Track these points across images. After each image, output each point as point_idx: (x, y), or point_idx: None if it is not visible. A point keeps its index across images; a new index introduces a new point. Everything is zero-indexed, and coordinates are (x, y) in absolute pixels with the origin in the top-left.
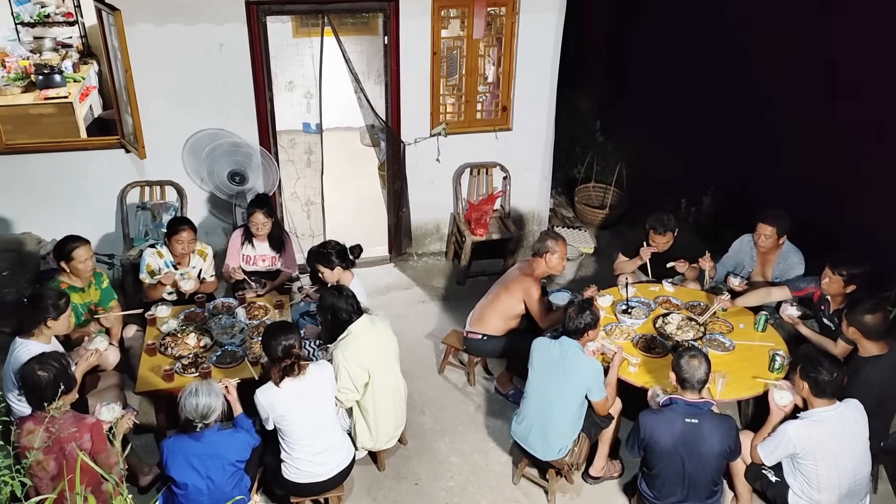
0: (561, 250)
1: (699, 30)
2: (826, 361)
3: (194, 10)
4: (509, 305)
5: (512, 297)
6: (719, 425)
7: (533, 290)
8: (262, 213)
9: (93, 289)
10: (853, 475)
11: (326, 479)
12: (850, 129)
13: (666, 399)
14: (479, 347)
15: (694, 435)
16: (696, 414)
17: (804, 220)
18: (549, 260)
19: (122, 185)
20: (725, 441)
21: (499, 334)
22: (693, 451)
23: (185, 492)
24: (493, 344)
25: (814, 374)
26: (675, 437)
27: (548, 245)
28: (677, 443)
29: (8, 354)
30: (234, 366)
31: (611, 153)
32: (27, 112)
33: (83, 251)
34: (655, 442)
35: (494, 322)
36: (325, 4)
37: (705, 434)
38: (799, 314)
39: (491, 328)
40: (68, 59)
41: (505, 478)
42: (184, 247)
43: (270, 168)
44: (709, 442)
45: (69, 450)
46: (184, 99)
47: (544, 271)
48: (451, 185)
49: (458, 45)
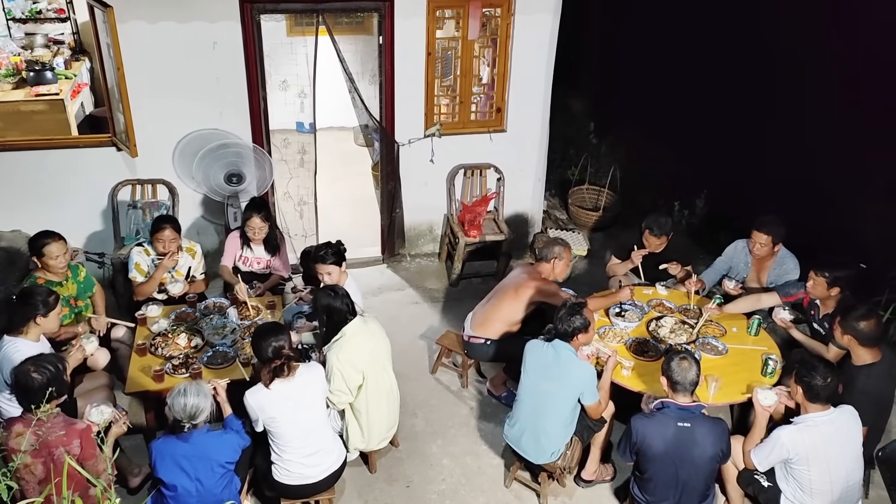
0: (567, 258)
1: (693, 32)
2: (821, 367)
3: (187, 7)
4: (515, 310)
5: (521, 301)
6: (712, 429)
7: (551, 288)
8: (259, 218)
9: (70, 283)
10: (846, 481)
11: (317, 480)
12: (846, 131)
13: (658, 403)
14: (483, 352)
15: (686, 439)
16: (688, 417)
17: (797, 223)
18: (556, 266)
19: (113, 183)
20: (718, 445)
21: (501, 339)
22: (686, 455)
23: (175, 493)
24: (497, 348)
25: (808, 379)
26: (667, 441)
27: (556, 251)
28: (669, 447)
29: None
30: (226, 366)
31: (605, 155)
32: (18, 109)
33: (55, 247)
34: (648, 446)
35: (499, 326)
36: (319, 3)
37: (698, 438)
38: (791, 318)
39: (495, 332)
40: (60, 55)
41: (497, 481)
42: (165, 245)
43: (264, 162)
44: (701, 446)
45: (58, 454)
46: (176, 97)
47: (549, 277)
48: (444, 187)
49: (453, 46)
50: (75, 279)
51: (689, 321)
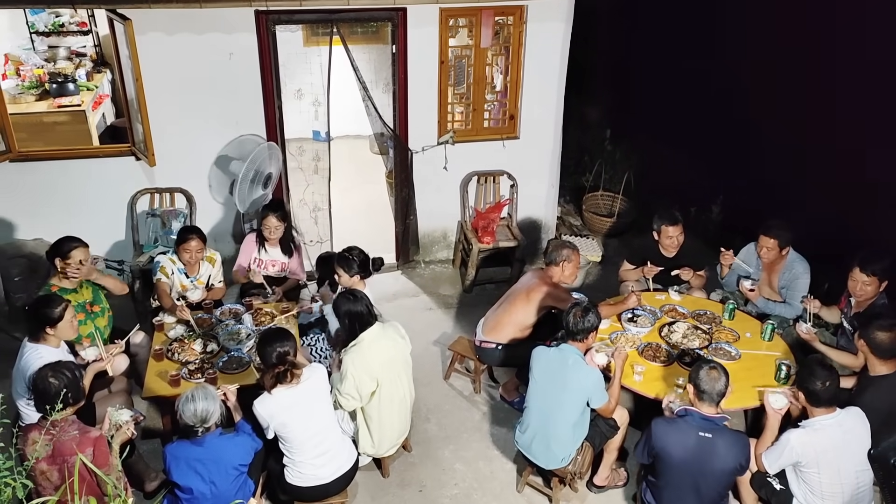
0: (576, 260)
1: (707, 38)
2: (818, 369)
3: (204, 19)
4: (526, 314)
5: (532, 305)
6: (735, 442)
7: (561, 293)
8: (275, 217)
9: (85, 288)
10: (855, 483)
11: (330, 481)
12: (863, 136)
13: (681, 409)
14: (495, 356)
15: (707, 450)
16: (711, 428)
17: (814, 229)
18: (565, 268)
19: (132, 192)
20: (738, 458)
21: (512, 343)
22: (705, 466)
23: (190, 497)
24: (509, 353)
25: (807, 384)
26: (687, 450)
27: (564, 254)
28: (689, 456)
29: (18, 357)
30: (241, 371)
31: (619, 162)
32: (41, 120)
33: (81, 252)
34: (667, 453)
35: (510, 331)
36: (333, 14)
37: (719, 450)
38: (816, 330)
39: (506, 337)
40: (82, 67)
41: (509, 485)
42: (191, 256)
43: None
44: (722, 458)
45: (72, 462)
46: (193, 107)
47: (559, 280)
48: (458, 193)
49: (466, 54)
50: (90, 283)
51: (703, 326)
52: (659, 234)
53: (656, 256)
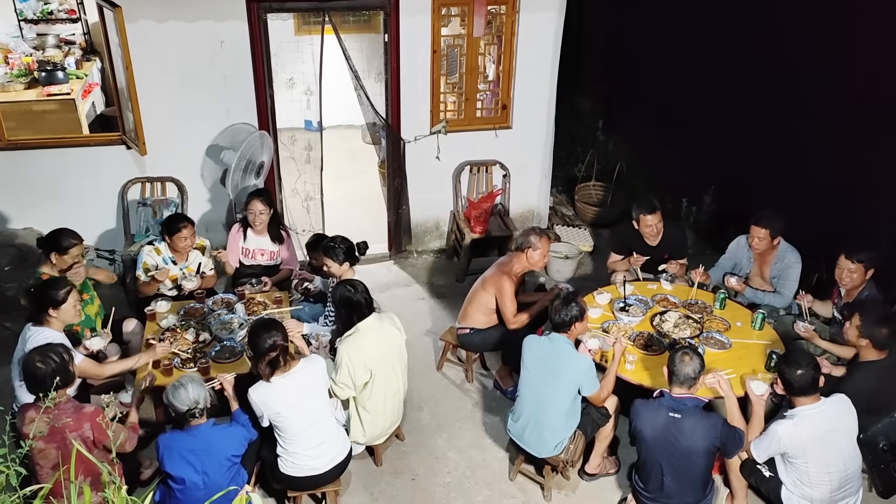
0: (543, 247)
1: (700, 29)
2: (795, 359)
3: (195, 7)
4: (486, 300)
5: (487, 292)
6: (701, 422)
7: (505, 286)
8: (260, 202)
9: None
10: (843, 470)
11: (323, 472)
12: (856, 126)
13: (658, 391)
14: (469, 341)
15: (674, 429)
16: (680, 409)
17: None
18: (531, 256)
19: (122, 181)
20: (708, 438)
21: (484, 327)
22: (673, 444)
23: (182, 486)
24: (482, 337)
25: (783, 373)
26: (656, 428)
27: (530, 241)
28: (658, 434)
29: (19, 342)
30: (233, 361)
31: (612, 152)
32: (30, 108)
33: (78, 249)
34: (639, 431)
35: (477, 316)
36: (325, 2)
37: (685, 429)
38: (814, 327)
39: (475, 322)
40: (71, 55)
41: (502, 474)
42: (187, 243)
43: (266, 143)
44: (689, 437)
45: (70, 440)
46: (184, 95)
47: (524, 267)
48: (450, 183)
49: (459, 44)
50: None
51: (694, 315)
52: (638, 223)
53: (640, 245)
